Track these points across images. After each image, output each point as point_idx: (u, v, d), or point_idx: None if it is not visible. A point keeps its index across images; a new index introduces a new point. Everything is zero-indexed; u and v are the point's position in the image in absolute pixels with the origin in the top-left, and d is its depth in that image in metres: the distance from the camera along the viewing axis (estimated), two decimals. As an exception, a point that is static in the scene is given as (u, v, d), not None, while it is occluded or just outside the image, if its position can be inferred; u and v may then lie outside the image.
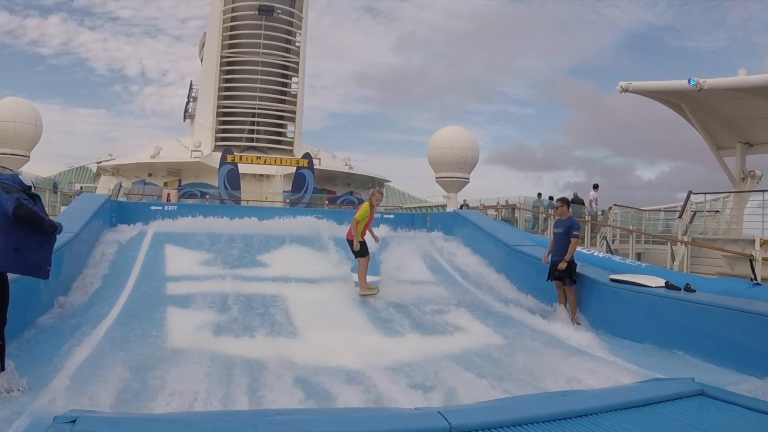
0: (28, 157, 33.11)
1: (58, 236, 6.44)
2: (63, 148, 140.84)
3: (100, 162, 45.81)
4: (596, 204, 24.95)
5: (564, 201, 11.42)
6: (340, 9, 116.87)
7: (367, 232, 12.01)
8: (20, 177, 6.35)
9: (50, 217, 6.31)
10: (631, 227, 21.68)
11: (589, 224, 20.61)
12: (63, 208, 21.69)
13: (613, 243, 20.81)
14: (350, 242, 11.87)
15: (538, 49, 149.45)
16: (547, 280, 11.02)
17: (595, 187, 25.47)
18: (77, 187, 45.21)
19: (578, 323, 10.38)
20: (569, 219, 11.01)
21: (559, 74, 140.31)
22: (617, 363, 8.21)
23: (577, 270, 10.84)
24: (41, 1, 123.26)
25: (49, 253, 6.31)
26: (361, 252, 11.77)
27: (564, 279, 10.70)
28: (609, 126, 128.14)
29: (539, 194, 28.44)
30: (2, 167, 7.06)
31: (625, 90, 19.62)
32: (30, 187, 6.31)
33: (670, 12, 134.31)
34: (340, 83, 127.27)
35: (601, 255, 12.99)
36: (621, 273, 10.76)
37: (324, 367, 7.46)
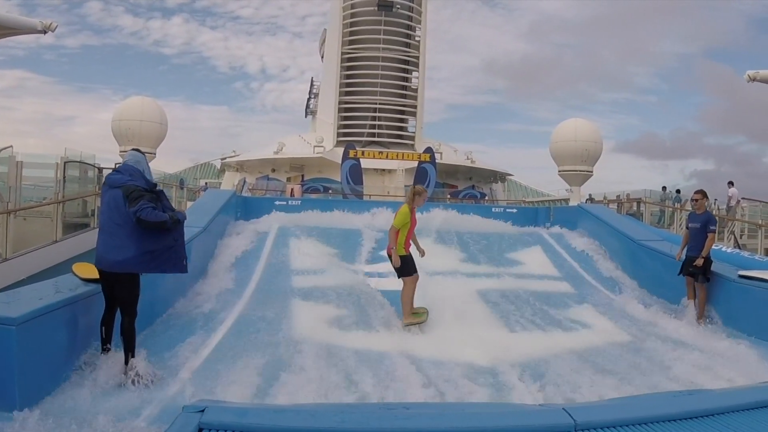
0: (155, 154, 34.68)
1: (184, 226, 6.59)
2: (187, 144, 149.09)
3: (224, 158, 47.53)
4: (737, 201, 23.47)
5: (703, 193, 10.78)
6: (457, 1, 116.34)
7: (410, 242, 9.51)
8: (145, 174, 6.47)
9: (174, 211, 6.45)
10: (760, 222, 20.68)
11: (717, 219, 19.62)
12: (189, 203, 22.36)
13: (741, 238, 20.33)
14: (390, 257, 9.34)
15: (670, 34, 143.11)
16: (678, 275, 10.56)
17: (731, 183, 23.96)
18: (202, 183, 47.04)
19: (706, 322, 9.98)
20: (705, 213, 10.56)
21: (693, 59, 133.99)
22: (746, 361, 7.95)
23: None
24: (164, 4, 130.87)
25: (182, 248, 6.48)
26: (405, 269, 9.17)
27: (697, 276, 10.21)
28: (746, 110, 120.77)
29: (664, 188, 27.36)
30: (135, 149, 7.01)
31: (753, 79, 18.32)
32: (155, 185, 6.48)
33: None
34: (459, 75, 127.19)
35: (728, 250, 12.52)
36: (750, 269, 10.26)
37: (448, 361, 7.51)
